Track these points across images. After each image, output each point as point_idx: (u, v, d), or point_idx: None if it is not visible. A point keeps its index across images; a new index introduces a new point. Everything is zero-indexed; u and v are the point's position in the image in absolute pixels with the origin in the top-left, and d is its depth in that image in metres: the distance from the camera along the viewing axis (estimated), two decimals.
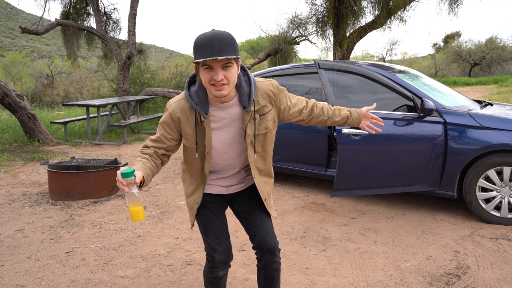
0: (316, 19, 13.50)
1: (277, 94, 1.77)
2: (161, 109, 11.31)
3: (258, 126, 1.72)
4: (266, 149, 1.81)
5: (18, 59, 25.72)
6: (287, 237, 3.31)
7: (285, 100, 1.82)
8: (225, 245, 1.85)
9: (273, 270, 1.92)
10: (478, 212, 3.57)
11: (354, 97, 4.01)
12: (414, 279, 2.63)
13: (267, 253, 1.88)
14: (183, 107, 1.69)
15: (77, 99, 21.23)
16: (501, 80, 25.30)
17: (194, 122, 1.68)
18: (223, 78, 1.53)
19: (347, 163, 3.76)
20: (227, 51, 1.50)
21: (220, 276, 1.93)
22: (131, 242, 3.21)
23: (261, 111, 1.72)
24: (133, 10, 10.02)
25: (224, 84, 1.54)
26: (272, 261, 1.90)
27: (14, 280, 2.63)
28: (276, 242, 1.89)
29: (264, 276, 1.94)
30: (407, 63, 39.63)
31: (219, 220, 1.87)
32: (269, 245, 1.86)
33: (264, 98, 1.73)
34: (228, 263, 1.89)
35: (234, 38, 1.55)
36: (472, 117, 3.55)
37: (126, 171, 1.49)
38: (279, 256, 1.93)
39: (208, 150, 1.72)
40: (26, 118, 7.08)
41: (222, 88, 1.55)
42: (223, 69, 1.53)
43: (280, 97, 1.79)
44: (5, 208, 4.03)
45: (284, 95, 1.82)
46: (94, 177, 4.22)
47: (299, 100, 1.89)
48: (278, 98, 1.78)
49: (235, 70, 1.56)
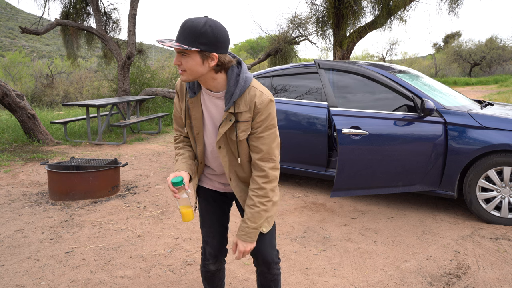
0: (316, 19, 13.49)
1: (259, 109, 1.59)
2: (161, 109, 11.31)
3: (231, 130, 1.63)
4: (241, 157, 1.69)
5: (18, 59, 25.72)
6: (287, 237, 3.31)
7: (259, 122, 1.61)
8: (217, 239, 1.87)
9: (269, 280, 1.86)
10: (478, 212, 3.57)
11: (354, 97, 4.00)
12: (414, 279, 2.62)
13: (262, 265, 1.83)
14: (182, 83, 1.74)
15: (77, 99, 21.23)
16: (501, 80, 25.30)
17: (186, 99, 1.71)
18: (180, 64, 1.52)
19: (347, 163, 3.76)
20: (185, 40, 1.47)
21: (212, 270, 1.93)
22: (131, 242, 3.21)
23: (238, 116, 1.60)
24: (133, 10, 10.01)
25: (183, 70, 1.53)
26: (266, 273, 1.84)
27: (14, 280, 2.63)
28: (273, 255, 1.81)
29: (260, 284, 1.90)
30: (407, 63, 39.63)
31: (215, 215, 1.87)
32: (263, 258, 1.80)
33: (246, 104, 1.59)
34: (219, 258, 1.90)
35: (199, 30, 1.46)
36: (472, 117, 3.55)
37: (176, 181, 1.59)
38: (276, 268, 1.84)
39: (197, 132, 1.72)
40: (26, 118, 7.08)
41: (182, 73, 1.54)
42: (182, 56, 1.51)
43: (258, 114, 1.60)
44: (5, 208, 4.03)
45: (261, 122, 1.61)
46: (94, 177, 4.21)
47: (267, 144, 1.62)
48: (256, 112, 1.60)
49: (193, 61, 1.50)
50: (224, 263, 1.97)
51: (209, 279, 1.98)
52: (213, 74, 1.56)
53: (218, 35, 1.48)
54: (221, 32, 1.50)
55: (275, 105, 1.64)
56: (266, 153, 1.64)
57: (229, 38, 1.56)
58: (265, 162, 1.65)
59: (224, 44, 1.52)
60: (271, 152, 1.64)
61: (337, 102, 4.00)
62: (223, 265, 1.98)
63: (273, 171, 1.66)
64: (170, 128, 9.53)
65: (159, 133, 8.79)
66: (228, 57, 1.55)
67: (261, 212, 1.66)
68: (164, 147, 7.20)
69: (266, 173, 1.64)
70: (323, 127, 4.24)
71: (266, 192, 1.66)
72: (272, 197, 1.68)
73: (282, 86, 4.72)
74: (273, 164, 1.66)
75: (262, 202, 1.66)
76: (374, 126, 3.74)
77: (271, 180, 1.66)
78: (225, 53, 1.54)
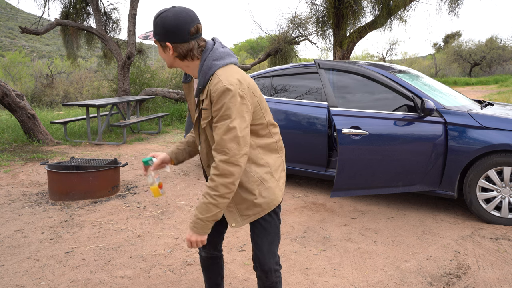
0: (316, 19, 13.49)
1: (213, 96, 1.54)
2: (161, 109, 11.30)
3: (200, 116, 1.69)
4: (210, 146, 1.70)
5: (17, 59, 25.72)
6: (287, 237, 3.30)
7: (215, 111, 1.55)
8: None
9: (267, 287, 1.83)
10: (478, 212, 3.56)
11: (354, 97, 4.00)
12: (414, 279, 2.62)
13: (259, 272, 1.80)
14: None
15: (77, 99, 21.22)
16: (501, 80, 25.30)
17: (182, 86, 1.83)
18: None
19: (347, 163, 3.76)
20: (154, 33, 1.61)
21: (203, 256, 1.97)
22: (131, 242, 3.21)
23: (202, 104, 1.62)
24: (133, 10, 10.01)
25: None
26: (264, 280, 1.80)
27: (13, 280, 2.63)
28: (271, 263, 1.77)
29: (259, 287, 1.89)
30: (407, 63, 39.63)
31: None
32: (260, 265, 1.77)
33: (206, 91, 1.58)
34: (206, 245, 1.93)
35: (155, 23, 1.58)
36: (472, 117, 3.55)
37: (144, 159, 1.84)
38: (275, 275, 1.79)
39: (193, 116, 1.80)
40: (25, 118, 7.08)
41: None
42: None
43: (214, 102, 1.55)
44: (4, 208, 4.02)
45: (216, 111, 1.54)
46: (94, 177, 4.21)
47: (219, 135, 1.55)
48: (212, 100, 1.56)
49: (160, 51, 1.63)
50: (217, 253, 1.98)
51: (204, 268, 2.02)
52: (180, 62, 1.64)
53: (167, 25, 1.55)
54: (171, 22, 1.54)
55: (235, 96, 1.53)
56: (217, 144, 1.55)
57: (183, 27, 1.54)
58: (217, 153, 1.56)
59: (176, 34, 1.55)
60: (222, 144, 1.54)
61: (337, 102, 4.00)
62: (217, 256, 1.99)
63: (226, 165, 1.54)
64: (170, 128, 9.53)
65: (159, 133, 8.78)
66: (187, 46, 1.58)
67: (209, 205, 1.56)
68: (164, 147, 7.20)
69: (217, 164, 1.55)
70: (323, 127, 4.24)
71: (216, 186, 1.55)
72: (223, 193, 1.55)
73: (282, 86, 4.71)
74: (225, 157, 1.54)
75: (211, 195, 1.56)
76: (374, 126, 3.73)
77: (222, 174, 1.54)
78: (182, 42, 1.57)
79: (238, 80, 1.55)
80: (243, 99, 1.55)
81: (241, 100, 1.54)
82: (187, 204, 4.12)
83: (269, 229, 1.75)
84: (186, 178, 5.14)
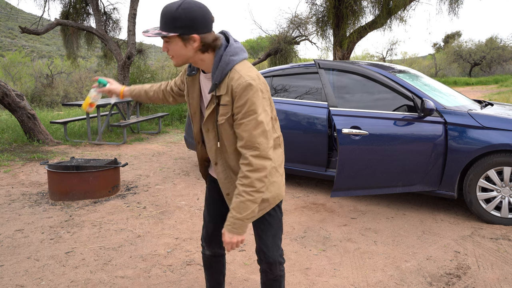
0: (316, 19, 13.49)
1: (235, 92, 1.53)
2: (161, 109, 11.31)
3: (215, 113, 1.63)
4: (225, 143, 1.65)
5: (17, 59, 25.72)
6: (287, 237, 3.30)
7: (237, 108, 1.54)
8: (212, 224, 1.92)
9: (271, 280, 1.85)
10: (478, 212, 3.56)
11: (354, 97, 4.00)
12: (414, 279, 2.62)
13: (264, 265, 1.82)
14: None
15: (77, 99, 21.22)
16: (501, 80, 25.30)
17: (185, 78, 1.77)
18: (168, 50, 1.55)
19: (347, 163, 3.76)
20: (162, 27, 1.50)
21: (207, 255, 1.98)
22: (131, 242, 3.21)
23: (220, 100, 1.58)
24: (133, 10, 10.01)
25: (171, 56, 1.55)
26: (268, 273, 1.83)
27: (13, 280, 2.63)
28: (276, 256, 1.79)
29: (263, 282, 1.90)
30: (407, 63, 39.63)
31: (213, 201, 1.92)
32: (265, 258, 1.79)
33: (225, 87, 1.55)
34: (211, 244, 1.94)
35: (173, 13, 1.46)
36: (472, 117, 3.55)
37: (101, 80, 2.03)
38: (279, 269, 1.82)
39: (193, 111, 1.76)
40: (25, 118, 7.07)
41: (172, 58, 1.57)
42: (166, 42, 1.54)
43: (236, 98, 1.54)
44: (4, 208, 4.02)
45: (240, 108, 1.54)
46: (94, 177, 4.21)
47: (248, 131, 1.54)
48: (234, 97, 1.55)
49: (176, 46, 1.52)
50: (220, 252, 1.99)
51: (207, 267, 2.02)
52: (200, 55, 1.56)
53: (193, 16, 1.47)
54: (196, 13, 1.47)
55: (257, 91, 1.54)
56: (247, 140, 1.55)
57: (208, 16, 1.51)
58: (247, 149, 1.56)
59: (203, 24, 1.50)
60: (253, 140, 1.54)
61: (337, 102, 4.00)
62: (221, 255, 1.99)
63: (258, 160, 1.55)
64: (170, 128, 9.53)
65: (159, 133, 8.78)
66: (212, 36, 1.53)
67: (247, 203, 1.56)
68: (164, 147, 7.20)
69: (249, 161, 1.55)
70: (323, 127, 4.24)
71: (251, 182, 1.55)
72: (259, 187, 1.56)
73: (282, 86, 4.71)
74: (257, 152, 1.55)
75: (247, 192, 1.56)
76: (374, 126, 3.73)
77: (256, 169, 1.55)
78: (207, 32, 1.52)
79: (256, 75, 1.57)
80: (263, 93, 1.57)
81: (262, 94, 1.56)
82: (187, 204, 4.12)
83: (273, 223, 1.78)
84: (186, 178, 5.14)
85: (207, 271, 2.03)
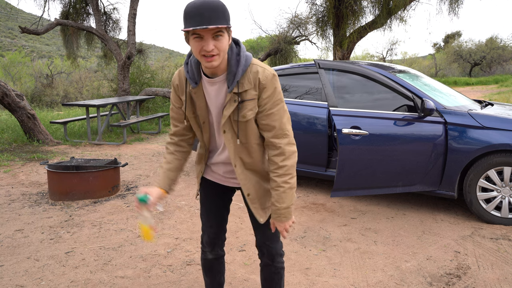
0: (316, 19, 13.49)
1: (264, 84, 1.56)
2: (161, 109, 11.31)
3: (237, 111, 1.59)
4: (249, 140, 1.64)
5: (17, 59, 25.71)
6: (287, 237, 3.30)
7: (266, 99, 1.58)
8: (214, 229, 1.89)
9: (272, 273, 1.88)
10: (478, 212, 3.56)
11: (354, 97, 4.00)
12: (415, 279, 2.62)
13: (266, 257, 1.85)
14: (181, 74, 1.68)
15: (77, 99, 21.22)
16: (501, 80, 25.30)
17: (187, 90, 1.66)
18: (214, 48, 1.45)
19: (347, 163, 3.76)
20: (218, 19, 1.41)
21: (209, 259, 1.95)
22: (131, 242, 3.21)
23: (243, 96, 1.57)
24: (133, 10, 10.01)
25: (214, 54, 1.46)
26: (270, 265, 1.86)
27: (13, 280, 2.62)
28: (277, 247, 1.83)
29: (263, 277, 1.92)
30: (407, 63, 39.63)
31: (214, 205, 1.88)
32: (268, 250, 1.82)
33: (250, 82, 1.56)
34: (215, 247, 1.91)
35: (225, 6, 1.45)
36: (472, 117, 3.55)
37: (140, 198, 1.62)
38: (280, 260, 1.86)
39: (203, 121, 1.69)
40: (25, 118, 7.07)
41: (212, 59, 1.47)
42: (213, 39, 1.45)
43: (264, 90, 1.57)
44: (4, 208, 4.02)
45: (269, 98, 1.58)
46: (93, 177, 4.21)
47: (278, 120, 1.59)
48: (261, 88, 1.57)
49: (226, 40, 1.48)
50: (222, 253, 1.98)
51: (208, 270, 1.99)
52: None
53: (225, 6, 1.47)
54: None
55: (278, 80, 1.59)
56: (279, 129, 1.60)
57: None
58: (279, 138, 1.60)
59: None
60: (283, 128, 1.61)
61: (337, 102, 4.00)
62: (222, 256, 1.99)
63: (289, 147, 1.61)
64: (170, 128, 9.53)
65: (159, 133, 8.78)
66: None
67: (287, 191, 1.62)
68: (164, 147, 7.20)
69: (283, 149, 1.60)
70: (323, 127, 4.24)
71: (287, 169, 1.61)
72: (294, 172, 1.63)
73: (282, 86, 4.71)
74: (288, 139, 1.61)
75: (286, 181, 1.61)
76: (374, 126, 3.73)
77: (289, 157, 1.61)
78: None
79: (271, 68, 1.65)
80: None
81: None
82: (187, 204, 4.12)
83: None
84: (186, 178, 5.14)
85: (209, 274, 2.00)
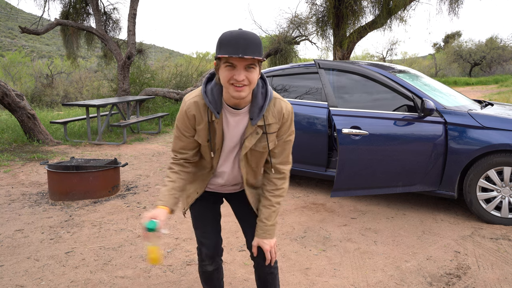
0: (316, 19, 13.49)
1: (286, 119, 1.67)
2: (161, 109, 11.31)
3: (258, 142, 1.66)
4: (259, 165, 1.76)
5: (17, 59, 25.71)
6: (287, 237, 3.30)
7: (284, 130, 1.69)
8: (213, 240, 1.87)
9: (266, 274, 1.87)
10: (478, 212, 3.56)
11: (354, 97, 4.00)
12: (415, 279, 2.62)
13: (261, 258, 1.84)
14: (198, 104, 1.63)
15: (77, 99, 21.22)
16: (501, 80, 25.30)
17: (207, 120, 1.63)
18: (245, 78, 1.47)
19: (347, 163, 3.76)
20: (254, 51, 1.45)
21: (210, 271, 1.92)
22: (131, 242, 3.21)
23: (267, 129, 1.65)
24: (133, 10, 10.01)
25: (245, 85, 1.48)
26: (263, 266, 1.85)
27: (13, 280, 2.63)
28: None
29: (258, 278, 1.91)
30: (407, 63, 39.63)
31: (209, 216, 1.87)
32: (259, 251, 1.82)
33: (274, 116, 1.64)
34: (215, 258, 1.90)
35: (260, 41, 1.50)
36: (472, 117, 3.55)
37: (149, 226, 1.53)
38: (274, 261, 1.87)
39: (218, 147, 1.69)
40: (25, 118, 7.07)
41: (242, 89, 1.48)
42: (245, 70, 1.47)
43: (285, 123, 1.68)
44: (4, 208, 4.02)
45: (287, 129, 1.69)
46: (94, 177, 4.21)
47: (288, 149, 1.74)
48: (283, 122, 1.68)
49: (257, 73, 1.50)
50: (221, 262, 1.97)
51: (208, 280, 1.97)
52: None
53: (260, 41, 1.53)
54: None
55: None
56: (285, 157, 1.75)
57: None
58: (284, 165, 1.75)
59: None
60: (288, 155, 1.76)
61: (337, 102, 4.00)
62: (221, 264, 1.98)
63: (289, 172, 1.79)
64: (170, 128, 9.53)
65: (159, 133, 8.78)
66: None
67: (277, 211, 1.77)
68: (164, 147, 7.20)
69: (285, 174, 1.76)
70: (323, 127, 4.24)
71: (283, 191, 1.77)
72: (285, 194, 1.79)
73: (282, 86, 4.71)
74: (290, 165, 1.78)
75: (279, 202, 1.76)
76: (374, 126, 3.73)
77: (287, 180, 1.79)
78: None
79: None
80: None
81: None
82: None
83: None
84: None
85: (209, 283, 1.98)
